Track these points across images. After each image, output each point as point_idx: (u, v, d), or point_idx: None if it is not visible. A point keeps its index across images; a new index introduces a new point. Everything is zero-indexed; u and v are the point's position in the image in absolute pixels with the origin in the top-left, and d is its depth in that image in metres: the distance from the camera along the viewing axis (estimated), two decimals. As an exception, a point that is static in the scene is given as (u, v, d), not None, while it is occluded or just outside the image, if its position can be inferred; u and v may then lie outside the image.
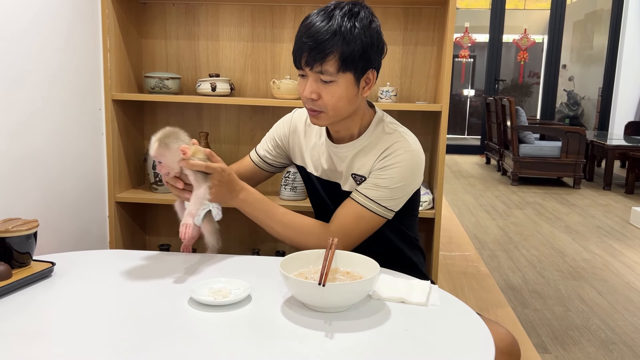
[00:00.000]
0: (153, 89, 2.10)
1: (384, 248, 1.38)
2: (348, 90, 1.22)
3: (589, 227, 4.27)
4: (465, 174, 6.96)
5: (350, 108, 1.26)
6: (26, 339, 0.86)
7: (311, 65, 1.18)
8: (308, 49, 1.17)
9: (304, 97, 1.24)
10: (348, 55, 1.17)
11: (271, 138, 1.52)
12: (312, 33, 1.17)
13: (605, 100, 8.71)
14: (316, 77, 1.20)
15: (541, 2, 10.02)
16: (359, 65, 1.20)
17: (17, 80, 1.54)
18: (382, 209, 1.29)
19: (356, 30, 1.17)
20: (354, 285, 0.99)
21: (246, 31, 2.22)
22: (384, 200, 1.28)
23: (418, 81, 2.21)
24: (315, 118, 1.27)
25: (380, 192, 1.28)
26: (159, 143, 1.20)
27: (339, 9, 1.19)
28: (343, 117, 1.27)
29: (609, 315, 2.55)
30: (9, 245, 1.11)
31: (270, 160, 1.53)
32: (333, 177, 1.40)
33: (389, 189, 1.28)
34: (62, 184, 1.77)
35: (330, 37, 1.16)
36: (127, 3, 2.10)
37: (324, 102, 1.22)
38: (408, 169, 1.28)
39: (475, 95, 11.16)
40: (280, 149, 1.51)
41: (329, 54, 1.16)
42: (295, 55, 1.22)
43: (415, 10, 2.15)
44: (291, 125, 1.49)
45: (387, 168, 1.28)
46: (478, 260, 3.35)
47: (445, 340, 0.91)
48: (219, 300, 0.99)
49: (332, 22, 1.17)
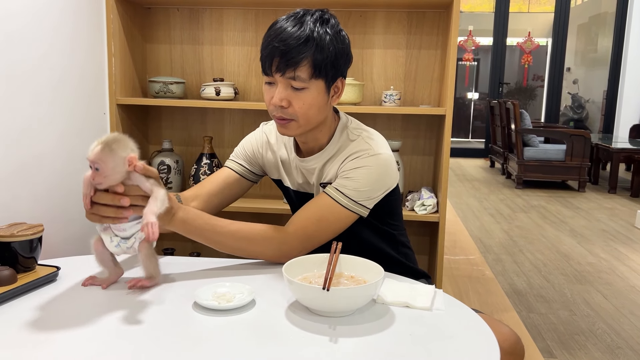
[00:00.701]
0: (157, 94, 2.11)
1: (364, 249, 1.29)
2: (319, 97, 1.18)
3: (594, 230, 4.25)
4: (469, 178, 6.95)
5: (320, 117, 1.22)
6: (31, 344, 0.86)
7: (283, 71, 1.14)
8: (280, 53, 1.13)
9: (272, 104, 1.18)
10: (321, 61, 1.14)
11: (243, 154, 1.44)
12: (284, 38, 1.13)
13: (610, 103, 8.68)
14: (286, 84, 1.16)
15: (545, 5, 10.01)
16: (330, 73, 1.17)
17: (23, 85, 1.55)
18: (354, 205, 1.22)
19: (328, 37, 1.15)
20: (359, 290, 0.98)
21: (250, 36, 2.22)
22: (356, 197, 1.22)
23: (422, 85, 2.21)
24: (285, 128, 1.22)
25: (352, 190, 1.22)
26: (102, 146, 1.00)
27: (309, 15, 1.16)
28: (313, 126, 1.23)
29: (614, 319, 2.54)
30: (14, 249, 1.12)
31: (250, 173, 1.45)
32: (310, 189, 1.36)
33: (361, 189, 1.22)
34: (67, 188, 1.77)
35: (303, 43, 1.12)
36: (132, 8, 2.11)
37: (294, 109, 1.17)
38: (376, 170, 1.23)
39: (479, 99, 11.15)
40: (254, 166, 1.44)
41: (302, 59, 1.13)
42: (264, 60, 1.16)
43: (419, 14, 2.15)
44: (262, 139, 1.43)
45: (356, 169, 1.22)
46: (483, 264, 3.34)
47: (450, 344, 0.90)
48: (223, 305, 0.99)
49: (303, 27, 1.14)
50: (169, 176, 2.14)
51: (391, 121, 2.24)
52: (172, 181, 2.16)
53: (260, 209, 2.09)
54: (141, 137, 2.27)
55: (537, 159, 5.98)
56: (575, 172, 5.89)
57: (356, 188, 1.22)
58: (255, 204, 2.12)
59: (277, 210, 2.08)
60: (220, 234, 1.19)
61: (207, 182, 1.40)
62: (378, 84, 2.22)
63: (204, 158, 2.13)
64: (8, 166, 1.50)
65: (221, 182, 1.40)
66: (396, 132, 2.25)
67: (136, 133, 2.21)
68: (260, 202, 2.14)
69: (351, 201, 1.22)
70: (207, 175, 2.09)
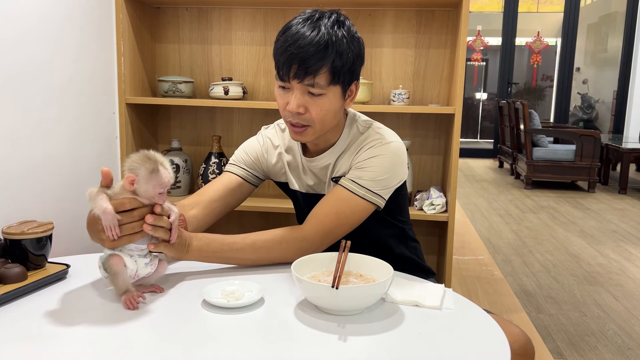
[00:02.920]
0: (166, 93, 2.12)
1: (376, 245, 1.32)
2: (335, 102, 1.17)
3: (605, 231, 4.22)
4: (478, 178, 6.92)
5: (335, 121, 1.22)
6: (41, 341, 0.87)
7: (301, 78, 1.11)
8: (298, 61, 1.10)
9: (287, 111, 1.16)
10: (340, 68, 1.13)
11: (245, 159, 1.41)
12: (302, 44, 1.10)
13: (620, 103, 8.61)
14: (304, 90, 1.14)
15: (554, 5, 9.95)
16: (347, 78, 1.16)
17: (33, 85, 1.56)
18: (371, 195, 1.21)
19: (345, 41, 1.13)
20: (368, 289, 0.98)
21: (259, 35, 2.23)
22: (373, 187, 1.21)
23: (431, 84, 2.20)
24: (300, 134, 1.20)
25: (368, 181, 1.21)
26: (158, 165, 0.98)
27: (326, 19, 1.13)
28: (327, 130, 1.22)
29: (625, 320, 2.51)
30: (25, 247, 1.12)
31: (253, 177, 1.43)
32: (321, 190, 1.34)
33: (376, 179, 1.21)
34: (77, 186, 1.78)
35: (322, 49, 1.10)
36: (141, 8, 2.12)
37: (311, 116, 1.16)
38: (390, 158, 1.22)
39: (488, 99, 11.10)
40: (257, 170, 1.42)
41: (322, 66, 1.11)
42: (281, 67, 1.13)
43: (428, 13, 2.14)
44: (265, 144, 1.41)
45: (370, 159, 1.21)
46: (492, 264, 3.32)
47: (460, 343, 0.90)
48: (232, 303, 0.99)
49: (321, 32, 1.11)
50: (178, 175, 2.15)
51: (400, 120, 2.23)
52: (181, 180, 2.16)
53: (267, 207, 2.09)
54: (150, 136, 2.27)
55: (547, 159, 5.94)
56: (585, 173, 5.85)
57: (372, 178, 1.21)
58: (262, 202, 2.12)
59: (283, 210, 2.08)
60: (238, 250, 1.17)
61: (208, 189, 1.36)
62: (387, 83, 2.22)
63: (212, 157, 2.14)
64: (19, 165, 1.51)
65: (223, 187, 1.36)
66: (405, 131, 2.24)
67: (145, 132, 2.22)
68: (267, 202, 2.14)
69: (368, 191, 1.21)
70: (216, 174, 2.09)
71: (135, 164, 0.98)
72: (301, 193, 1.38)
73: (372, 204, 1.22)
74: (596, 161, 5.80)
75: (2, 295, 1.00)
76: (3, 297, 1.00)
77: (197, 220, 1.30)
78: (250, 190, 1.42)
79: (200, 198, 1.34)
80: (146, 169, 0.97)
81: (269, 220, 2.32)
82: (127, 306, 0.98)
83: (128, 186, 0.98)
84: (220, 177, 1.39)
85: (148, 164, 0.97)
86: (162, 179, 0.98)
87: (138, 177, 0.98)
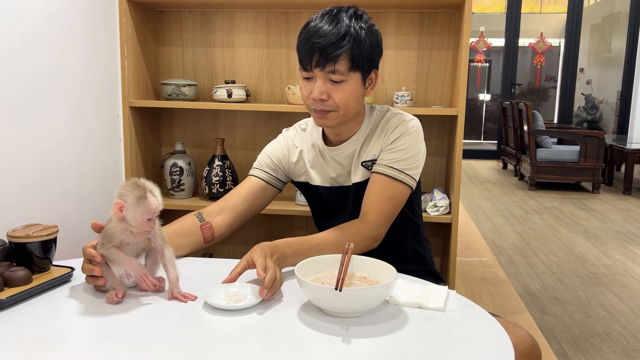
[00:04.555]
0: (170, 96, 2.12)
1: (396, 240, 1.38)
2: (357, 88, 1.25)
3: (609, 232, 4.20)
4: (481, 179, 6.91)
5: (358, 107, 1.29)
6: (46, 344, 0.87)
7: (322, 65, 1.19)
8: (320, 49, 1.18)
9: (311, 99, 1.24)
10: (358, 55, 1.20)
11: (268, 162, 1.45)
12: (322, 34, 1.19)
13: (624, 103, 8.58)
14: (326, 78, 1.21)
15: (558, 6, 9.93)
16: (365, 65, 1.24)
17: (36, 89, 1.56)
18: (407, 177, 1.29)
19: (363, 32, 1.21)
20: (371, 291, 0.98)
21: (261, 38, 2.23)
22: (408, 169, 1.30)
23: (434, 86, 2.20)
24: (324, 119, 1.27)
25: (402, 162, 1.29)
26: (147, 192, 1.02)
27: (344, 12, 1.22)
28: (351, 116, 1.29)
29: (630, 321, 2.50)
30: (30, 250, 1.13)
31: (276, 180, 1.47)
32: (344, 181, 1.39)
33: (408, 157, 1.29)
34: (81, 190, 1.79)
35: (341, 38, 1.18)
36: (145, 11, 2.13)
37: (334, 101, 1.23)
38: (415, 134, 1.31)
39: (492, 100, 11.08)
40: (279, 172, 1.45)
41: (342, 53, 1.19)
42: (304, 56, 1.22)
43: (431, 14, 2.14)
44: (287, 144, 1.45)
45: (398, 139, 1.30)
46: (496, 265, 3.31)
47: (463, 345, 0.90)
48: (232, 305, 0.99)
49: (340, 24, 1.20)
50: (182, 178, 2.15)
51: (403, 122, 2.23)
52: (185, 183, 2.17)
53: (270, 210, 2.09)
54: (154, 139, 2.28)
55: (550, 160, 5.93)
56: (589, 174, 5.83)
57: (404, 157, 1.29)
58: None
59: (287, 212, 2.08)
60: (323, 250, 1.21)
61: (232, 194, 1.41)
62: (390, 85, 2.22)
63: (216, 160, 2.14)
64: (23, 168, 1.51)
65: (246, 193, 1.41)
66: (408, 133, 2.24)
67: (149, 135, 2.23)
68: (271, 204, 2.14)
69: (402, 173, 1.29)
70: (220, 177, 2.10)
71: (123, 191, 1.01)
72: (324, 187, 1.42)
73: (408, 186, 1.31)
74: (600, 162, 5.79)
75: (7, 298, 1.00)
76: (8, 300, 1.00)
77: (224, 226, 1.37)
78: (274, 193, 1.47)
79: (225, 204, 1.39)
80: (134, 196, 1.00)
81: (271, 221, 2.32)
82: (108, 300, 1.02)
83: (117, 212, 1.01)
84: (244, 182, 1.44)
85: (136, 191, 1.00)
86: (150, 205, 1.01)
87: (126, 203, 1.00)
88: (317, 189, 1.43)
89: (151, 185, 1.03)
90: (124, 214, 1.01)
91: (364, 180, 1.35)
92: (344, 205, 1.40)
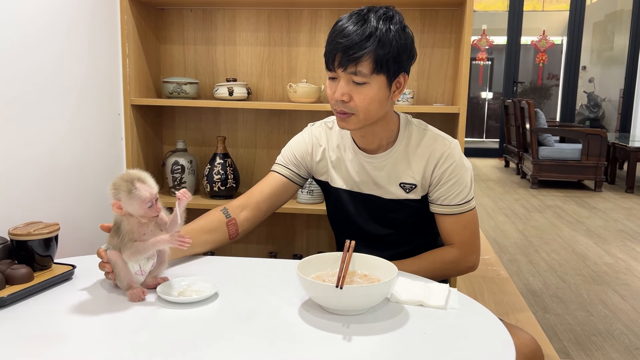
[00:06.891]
0: (171, 94, 2.12)
1: (431, 242, 1.44)
2: (380, 92, 1.20)
3: (611, 230, 4.19)
4: (484, 177, 6.90)
5: (381, 112, 1.25)
6: (47, 341, 0.87)
7: (345, 66, 1.17)
8: (342, 49, 1.16)
9: (333, 99, 1.22)
10: (382, 57, 1.16)
11: (291, 158, 1.45)
12: (347, 34, 1.16)
13: (627, 101, 8.56)
14: (348, 79, 1.19)
15: (560, 4, 9.90)
16: (391, 68, 1.19)
17: (38, 87, 1.56)
18: (471, 202, 1.35)
19: (391, 33, 1.17)
20: (372, 288, 0.98)
21: (263, 36, 2.23)
22: (469, 195, 1.35)
23: (435, 83, 2.19)
24: (344, 121, 1.24)
25: (462, 195, 1.33)
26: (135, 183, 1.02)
27: (374, 13, 1.19)
28: (373, 120, 1.25)
29: (632, 320, 2.50)
30: (31, 248, 1.13)
31: (297, 176, 1.47)
32: (367, 189, 1.37)
33: (464, 187, 1.33)
34: (82, 188, 1.79)
35: (365, 38, 1.15)
36: (146, 9, 2.13)
37: (355, 104, 1.20)
38: (461, 159, 1.34)
39: (494, 98, 11.06)
40: (301, 168, 1.46)
41: (364, 54, 1.15)
42: (328, 56, 1.20)
43: (432, 12, 2.14)
44: (311, 141, 1.44)
45: (453, 171, 1.32)
46: (498, 264, 3.31)
47: (464, 343, 0.89)
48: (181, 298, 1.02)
49: (366, 24, 1.16)
50: (183, 176, 2.15)
51: (404, 120, 2.23)
52: (186, 181, 2.17)
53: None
54: (155, 137, 2.28)
55: (553, 158, 5.91)
56: (592, 172, 5.82)
57: (462, 189, 1.33)
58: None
59: (289, 210, 2.08)
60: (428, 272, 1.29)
61: (255, 191, 1.43)
62: (391, 83, 2.21)
63: (217, 158, 2.14)
64: (24, 166, 1.52)
65: (268, 189, 1.43)
66: (409, 131, 2.23)
67: (150, 133, 2.23)
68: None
69: (467, 204, 1.34)
70: (221, 175, 2.10)
71: (114, 190, 1.02)
72: (344, 190, 1.41)
73: (474, 206, 1.38)
74: (603, 160, 5.77)
75: (9, 296, 1.01)
76: (9, 298, 1.01)
77: (247, 222, 1.40)
78: (295, 189, 1.48)
79: (248, 200, 1.41)
80: (125, 192, 1.01)
81: (275, 219, 2.32)
82: (131, 299, 1.03)
83: (118, 212, 1.03)
84: (267, 178, 1.45)
85: (124, 186, 1.01)
86: (143, 195, 1.01)
87: (121, 201, 1.01)
88: (337, 191, 1.42)
89: (138, 173, 1.03)
90: (125, 210, 1.02)
91: (399, 199, 1.35)
92: (362, 211, 1.40)
